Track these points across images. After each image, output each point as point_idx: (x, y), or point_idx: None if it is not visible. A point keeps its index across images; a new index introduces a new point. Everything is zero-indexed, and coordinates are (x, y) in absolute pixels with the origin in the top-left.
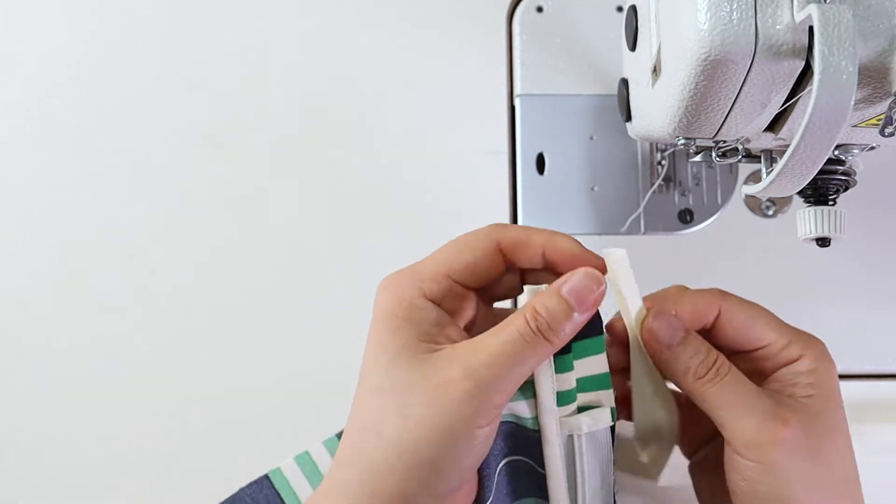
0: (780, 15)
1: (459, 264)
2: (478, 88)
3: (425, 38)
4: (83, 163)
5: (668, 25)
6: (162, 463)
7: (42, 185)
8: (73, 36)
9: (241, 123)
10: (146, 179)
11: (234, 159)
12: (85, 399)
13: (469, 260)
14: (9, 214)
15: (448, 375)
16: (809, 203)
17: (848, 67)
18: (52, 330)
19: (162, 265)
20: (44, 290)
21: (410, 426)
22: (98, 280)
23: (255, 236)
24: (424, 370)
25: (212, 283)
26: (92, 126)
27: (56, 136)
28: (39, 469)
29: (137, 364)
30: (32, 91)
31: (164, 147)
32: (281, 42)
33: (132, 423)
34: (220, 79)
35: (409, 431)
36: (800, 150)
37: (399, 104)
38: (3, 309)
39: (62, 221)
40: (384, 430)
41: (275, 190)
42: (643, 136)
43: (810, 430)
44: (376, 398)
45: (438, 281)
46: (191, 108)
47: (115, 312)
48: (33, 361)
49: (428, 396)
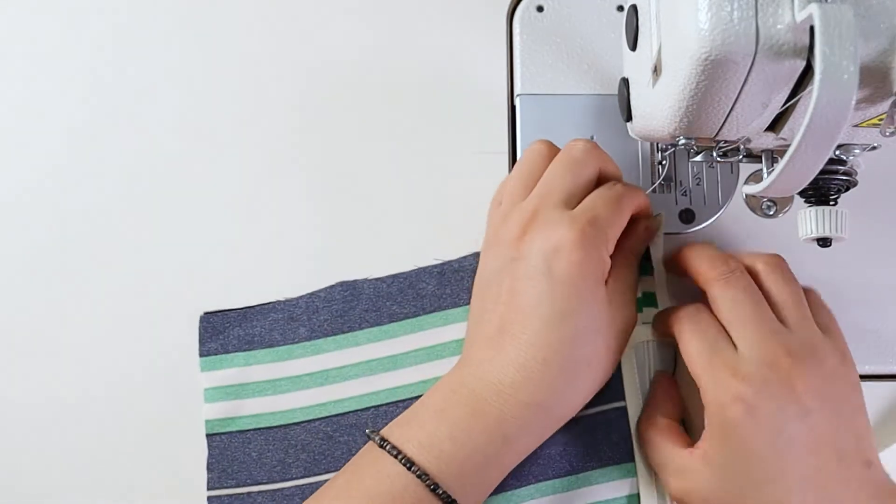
0: (780, 14)
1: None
2: (478, 88)
3: (425, 37)
4: (83, 162)
5: (668, 25)
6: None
7: (42, 184)
8: (73, 36)
9: (240, 124)
10: (146, 179)
11: (232, 160)
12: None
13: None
14: (8, 214)
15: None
16: (810, 203)
17: (849, 67)
18: (51, 329)
19: (162, 265)
20: (43, 289)
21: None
22: (98, 280)
23: (255, 236)
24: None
25: (212, 282)
26: (92, 125)
27: (56, 136)
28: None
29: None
30: (32, 91)
31: (164, 147)
32: (280, 42)
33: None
34: (219, 78)
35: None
36: (801, 150)
37: (399, 104)
38: (3, 308)
39: (62, 220)
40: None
41: (274, 190)
42: (644, 136)
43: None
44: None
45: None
46: (191, 108)
47: (116, 312)
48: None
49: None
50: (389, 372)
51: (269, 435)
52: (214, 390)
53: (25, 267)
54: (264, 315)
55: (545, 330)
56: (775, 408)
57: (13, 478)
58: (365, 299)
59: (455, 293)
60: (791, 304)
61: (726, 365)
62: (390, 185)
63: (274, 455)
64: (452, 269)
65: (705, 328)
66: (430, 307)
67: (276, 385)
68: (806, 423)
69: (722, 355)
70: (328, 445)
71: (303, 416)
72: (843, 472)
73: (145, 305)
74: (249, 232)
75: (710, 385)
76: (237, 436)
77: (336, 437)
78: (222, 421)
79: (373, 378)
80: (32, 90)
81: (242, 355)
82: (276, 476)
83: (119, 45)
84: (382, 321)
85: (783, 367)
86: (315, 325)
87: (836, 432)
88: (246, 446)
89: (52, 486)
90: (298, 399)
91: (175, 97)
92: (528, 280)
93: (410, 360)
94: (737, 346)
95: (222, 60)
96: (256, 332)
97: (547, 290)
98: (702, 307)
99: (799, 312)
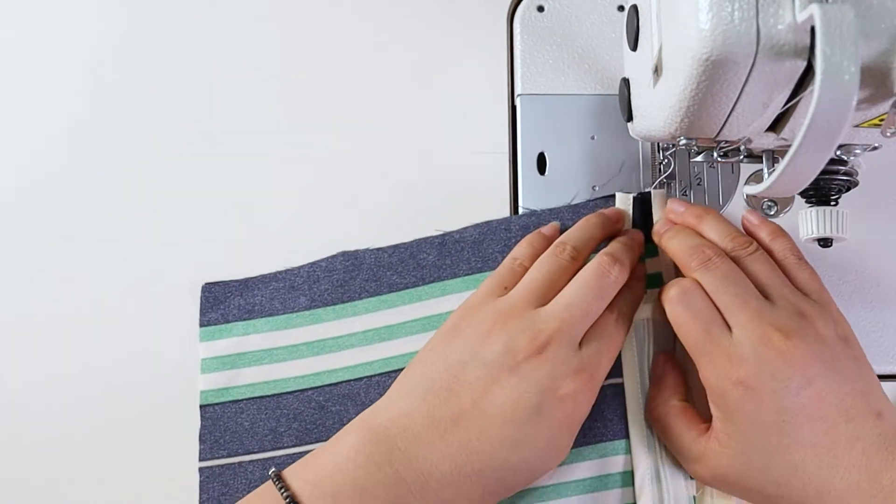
0: (781, 15)
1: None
2: (478, 88)
3: (425, 38)
4: (82, 161)
5: (669, 25)
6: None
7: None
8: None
9: (240, 124)
10: (145, 178)
11: (230, 161)
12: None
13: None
14: (8, 214)
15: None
16: (811, 203)
17: (850, 67)
18: (50, 329)
19: (161, 264)
20: (43, 288)
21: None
22: (98, 279)
23: (255, 236)
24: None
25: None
26: (91, 125)
27: (55, 135)
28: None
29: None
30: (32, 91)
31: (164, 147)
32: (280, 42)
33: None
34: (219, 78)
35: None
36: (802, 150)
37: (399, 104)
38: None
39: (62, 220)
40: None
41: (273, 190)
42: (644, 137)
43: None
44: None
45: None
46: (191, 108)
47: (115, 311)
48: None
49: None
50: (385, 342)
51: (261, 404)
52: (211, 360)
53: (25, 266)
54: (265, 284)
55: (497, 448)
56: (777, 384)
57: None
58: (366, 269)
59: (455, 264)
60: (770, 279)
61: (722, 350)
62: (390, 185)
63: (266, 424)
64: (453, 240)
65: (698, 312)
66: (430, 277)
67: (272, 354)
68: (810, 391)
69: (717, 341)
70: (320, 415)
71: (296, 385)
72: (852, 428)
73: (145, 305)
74: (249, 233)
75: (709, 373)
76: (230, 406)
77: (328, 407)
78: (217, 391)
79: (367, 348)
80: (32, 90)
81: (242, 325)
82: (268, 445)
83: (119, 45)
84: (382, 291)
85: (776, 342)
86: (315, 295)
87: (841, 393)
88: (238, 416)
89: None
90: (293, 368)
91: (175, 97)
92: (512, 398)
93: (406, 331)
94: (731, 329)
95: (222, 60)
96: (257, 301)
97: (523, 419)
98: (693, 286)
99: (779, 286)
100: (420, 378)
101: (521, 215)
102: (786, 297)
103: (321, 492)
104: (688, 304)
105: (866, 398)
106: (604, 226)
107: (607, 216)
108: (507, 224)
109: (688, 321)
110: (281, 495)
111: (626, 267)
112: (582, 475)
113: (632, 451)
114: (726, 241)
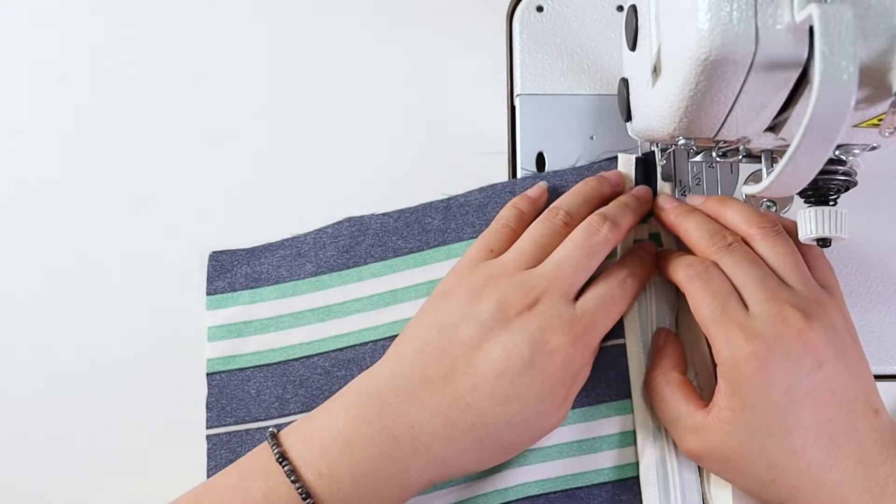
0: (780, 15)
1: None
2: (478, 88)
3: (425, 38)
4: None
5: (668, 25)
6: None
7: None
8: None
9: (240, 123)
10: (145, 178)
11: (231, 159)
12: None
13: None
14: (8, 213)
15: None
16: (810, 203)
17: (848, 67)
18: (49, 329)
19: (161, 264)
20: (42, 287)
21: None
22: (98, 279)
23: (254, 236)
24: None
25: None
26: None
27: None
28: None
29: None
30: (32, 90)
31: (163, 146)
32: (280, 42)
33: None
34: (219, 79)
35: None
36: (800, 150)
37: (399, 104)
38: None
39: (61, 219)
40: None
41: (273, 190)
42: (643, 136)
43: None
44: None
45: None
46: (191, 108)
47: (114, 311)
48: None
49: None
50: (390, 306)
51: (268, 371)
52: (218, 328)
53: (25, 265)
54: (272, 252)
55: (490, 402)
56: (790, 362)
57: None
58: (371, 234)
59: (459, 227)
60: (789, 265)
61: (739, 324)
62: (390, 185)
63: (272, 391)
64: (458, 204)
65: (717, 288)
66: (435, 241)
67: (278, 322)
68: (820, 374)
69: (734, 315)
70: (326, 381)
71: (302, 351)
72: (852, 420)
73: (145, 305)
74: (247, 232)
75: (723, 344)
76: (237, 373)
77: (334, 373)
78: (223, 359)
79: (372, 313)
80: (32, 90)
81: (248, 293)
82: (274, 412)
83: (119, 46)
84: (387, 256)
85: (794, 321)
86: (321, 261)
87: (846, 382)
88: (245, 384)
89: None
90: (299, 335)
91: (175, 97)
92: (504, 352)
93: (411, 295)
94: (748, 307)
95: (222, 60)
96: (264, 269)
97: (515, 372)
98: (712, 265)
99: (798, 273)
100: (413, 341)
101: (524, 177)
102: (805, 284)
103: (310, 448)
104: (706, 280)
105: (868, 394)
106: (601, 189)
107: (605, 179)
108: (512, 187)
109: (705, 296)
110: (272, 452)
111: (618, 225)
112: (588, 435)
113: (633, 411)
114: (752, 221)
